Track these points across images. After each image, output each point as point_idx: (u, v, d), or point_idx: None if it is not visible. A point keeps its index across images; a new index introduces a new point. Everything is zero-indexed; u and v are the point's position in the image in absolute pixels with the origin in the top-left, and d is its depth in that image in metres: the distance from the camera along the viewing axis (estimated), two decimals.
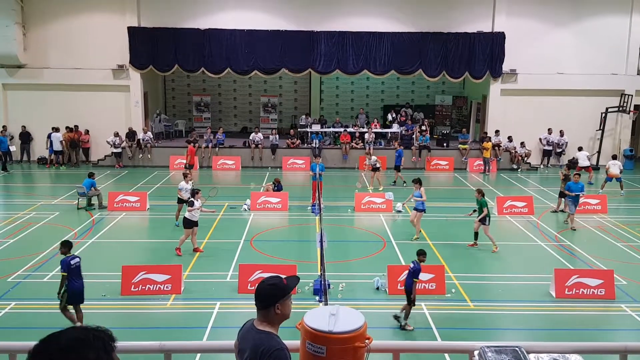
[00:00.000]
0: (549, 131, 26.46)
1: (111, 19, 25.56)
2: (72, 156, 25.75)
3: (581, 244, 15.14)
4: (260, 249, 14.30)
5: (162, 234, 15.72)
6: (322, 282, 10.63)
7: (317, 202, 16.70)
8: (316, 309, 4.21)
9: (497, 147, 25.53)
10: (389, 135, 27.18)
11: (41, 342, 1.91)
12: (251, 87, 31.74)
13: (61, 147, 25.19)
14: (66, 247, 9.82)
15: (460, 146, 26.04)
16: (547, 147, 26.61)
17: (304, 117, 28.25)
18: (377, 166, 20.95)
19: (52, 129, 25.07)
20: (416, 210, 15.10)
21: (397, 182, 21.89)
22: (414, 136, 26.22)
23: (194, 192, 13.99)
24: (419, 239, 15.02)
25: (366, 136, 25.83)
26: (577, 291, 11.47)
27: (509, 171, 25.50)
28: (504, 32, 25.75)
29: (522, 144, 25.96)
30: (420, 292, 11.44)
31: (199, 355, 8.57)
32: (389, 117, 28.49)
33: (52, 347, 1.88)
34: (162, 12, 25.70)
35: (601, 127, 26.43)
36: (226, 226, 16.40)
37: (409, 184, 19.67)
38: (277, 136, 26.13)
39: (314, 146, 25.50)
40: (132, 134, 25.55)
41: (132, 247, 14.93)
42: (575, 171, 18.29)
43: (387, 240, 15.13)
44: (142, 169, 25.09)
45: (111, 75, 25.85)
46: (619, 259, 13.91)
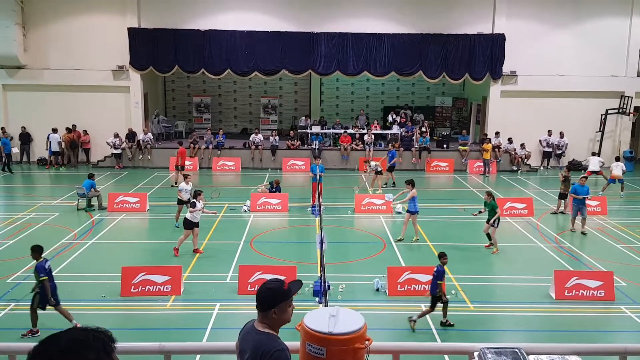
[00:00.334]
0: (549, 133, 26.48)
1: (111, 19, 25.59)
2: (72, 157, 25.75)
3: (581, 245, 15.14)
4: (260, 250, 14.30)
5: (162, 235, 15.72)
6: (322, 284, 10.62)
7: (317, 203, 16.69)
8: (316, 310, 4.21)
9: (497, 149, 25.54)
10: (389, 136, 27.20)
11: (41, 343, 1.91)
12: (251, 88, 31.76)
13: (59, 148, 25.20)
14: (37, 252, 9.81)
15: (460, 148, 26.05)
16: (547, 149, 26.62)
17: (303, 118, 28.27)
18: (378, 170, 20.93)
19: (52, 130, 25.10)
20: (409, 212, 15.10)
21: (387, 183, 21.91)
22: (414, 137, 26.24)
23: (197, 194, 13.98)
24: (419, 240, 15.02)
25: (366, 137, 25.84)
26: (577, 293, 11.47)
27: (508, 173, 25.51)
28: (504, 34, 25.78)
29: (522, 146, 25.97)
30: (420, 293, 11.46)
31: (198, 356, 8.56)
32: (390, 118, 28.53)
33: (52, 348, 1.88)
34: (163, 13, 25.73)
35: (601, 129, 26.45)
36: (226, 227, 16.40)
37: (399, 185, 19.69)
38: (277, 137, 26.13)
39: (314, 147, 25.51)
40: (132, 135, 25.56)
41: (132, 248, 14.93)
42: (584, 174, 18.03)
43: (387, 241, 15.13)
44: (142, 170, 25.10)
45: (111, 76, 25.87)
46: (619, 260, 13.91)
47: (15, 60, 25.28)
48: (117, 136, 25.02)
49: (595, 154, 23.64)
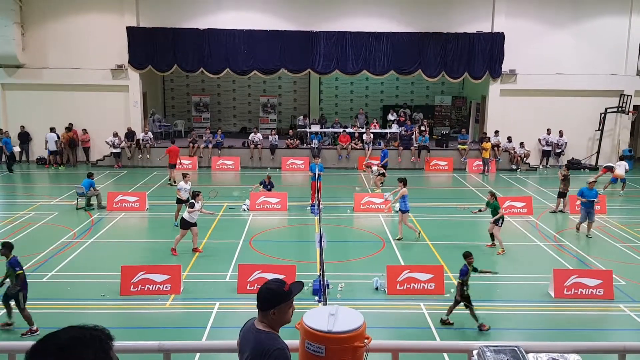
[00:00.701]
0: (548, 131, 26.47)
1: (110, 18, 25.55)
2: (71, 156, 25.73)
3: (580, 244, 15.15)
4: (259, 249, 14.30)
5: (162, 234, 15.72)
6: (322, 282, 10.63)
7: (317, 202, 16.69)
8: (315, 308, 4.21)
9: (496, 148, 25.54)
10: (388, 135, 27.19)
11: (39, 342, 1.91)
12: (250, 87, 31.73)
13: (56, 147, 25.18)
14: (8, 248, 9.95)
15: (459, 146, 26.05)
16: (546, 148, 26.62)
17: (301, 118, 28.27)
18: (381, 172, 20.90)
19: (49, 129, 25.09)
20: (400, 211, 15.09)
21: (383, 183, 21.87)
22: (413, 136, 26.23)
23: (195, 194, 13.99)
24: (419, 238, 15.03)
25: (365, 137, 25.83)
26: (576, 291, 11.49)
27: (508, 171, 25.51)
28: (503, 33, 25.76)
29: (522, 145, 25.97)
30: (419, 292, 11.49)
31: (198, 355, 8.57)
32: (390, 117, 28.53)
33: (50, 347, 1.88)
34: (161, 12, 25.70)
35: (600, 128, 26.45)
36: (225, 226, 16.40)
37: (388, 184, 19.72)
38: (276, 136, 26.12)
39: (313, 146, 25.50)
40: (131, 134, 25.54)
41: (131, 247, 14.93)
42: (592, 179, 17.19)
43: (386, 240, 15.13)
44: (141, 169, 25.08)
45: (110, 75, 25.84)
46: (618, 259, 13.93)
47: (13, 59, 25.23)
48: (116, 135, 25.00)
49: (624, 158, 22.78)
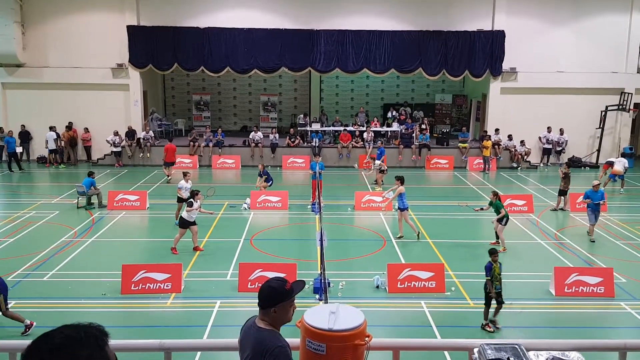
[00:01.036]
0: (549, 129, 26.46)
1: (110, 17, 25.54)
2: (71, 155, 25.74)
3: (581, 242, 15.14)
4: (260, 247, 14.31)
5: (162, 232, 15.72)
6: (322, 281, 10.64)
7: (317, 200, 16.69)
8: (316, 307, 4.22)
9: (497, 146, 25.53)
10: (389, 133, 27.19)
11: (33, 343, 1.90)
12: (251, 85, 31.73)
13: (55, 146, 25.17)
14: None
15: (460, 145, 26.04)
16: (546, 146, 26.61)
17: (302, 116, 28.26)
18: (382, 169, 20.86)
19: (49, 128, 25.10)
20: (399, 209, 15.10)
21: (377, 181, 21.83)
22: (414, 135, 26.22)
23: (194, 193, 14.01)
24: (419, 235, 15.02)
25: (365, 135, 25.83)
26: (577, 289, 11.48)
27: (508, 169, 25.51)
28: (503, 31, 25.73)
29: (522, 143, 25.96)
30: (420, 290, 11.48)
31: (199, 353, 8.58)
32: (389, 114, 28.52)
33: (44, 347, 1.87)
34: (162, 11, 25.69)
35: (601, 126, 26.43)
36: (226, 225, 16.40)
37: (388, 182, 19.70)
38: (276, 135, 26.11)
39: (314, 145, 25.49)
40: (131, 133, 25.54)
41: (132, 246, 14.94)
42: (602, 169, 17.14)
43: (387, 238, 15.13)
44: (141, 168, 25.09)
45: (110, 74, 25.84)
46: (619, 257, 13.92)
47: (14, 58, 25.24)
48: (116, 134, 25.01)
49: (625, 155, 22.41)
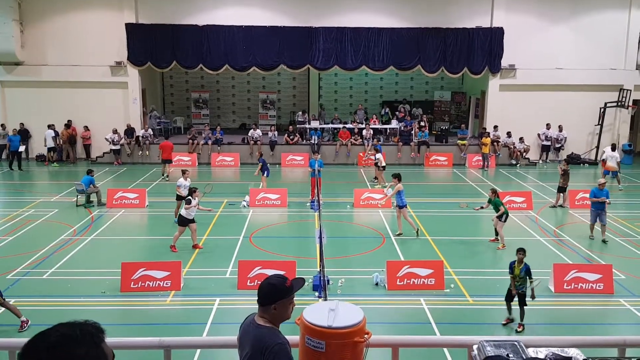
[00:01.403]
0: (548, 126, 26.46)
1: (109, 15, 25.50)
2: (70, 153, 25.72)
3: (580, 238, 15.15)
4: (259, 245, 14.31)
5: (162, 230, 15.71)
6: (322, 278, 10.65)
7: (316, 198, 16.70)
8: (315, 304, 4.22)
9: (495, 143, 25.54)
10: (388, 131, 27.18)
11: (29, 342, 1.90)
12: (250, 83, 31.69)
13: (54, 144, 25.13)
14: None
15: (459, 142, 26.04)
16: (545, 143, 26.62)
17: (300, 113, 28.24)
18: (383, 165, 20.80)
19: (47, 127, 25.05)
20: (398, 206, 15.10)
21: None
22: (413, 132, 26.21)
23: (192, 191, 14.03)
24: (418, 232, 15.03)
25: (364, 132, 25.82)
26: (576, 286, 11.50)
27: (507, 166, 25.52)
28: (502, 28, 25.72)
29: (521, 140, 25.96)
30: (419, 287, 11.49)
31: (198, 351, 8.59)
32: (382, 112, 28.62)
33: (41, 345, 1.87)
34: (160, 9, 25.64)
35: (600, 122, 26.43)
36: (225, 222, 16.40)
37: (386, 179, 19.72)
38: (275, 132, 26.10)
39: (313, 142, 25.48)
40: (130, 131, 25.52)
41: (131, 244, 14.93)
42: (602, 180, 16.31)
43: (386, 236, 15.14)
44: (140, 165, 25.07)
45: (109, 72, 25.80)
46: (618, 253, 13.94)
47: (12, 56, 25.19)
48: (115, 132, 24.98)
49: (615, 149, 21.74)
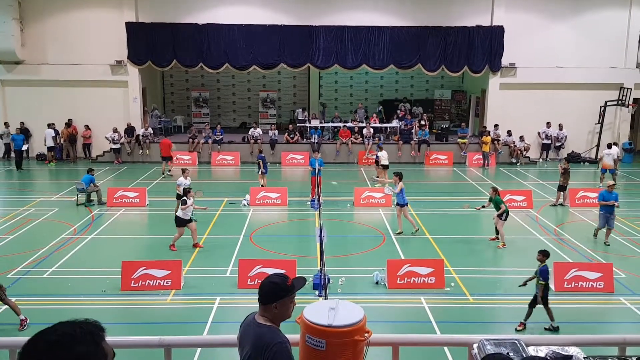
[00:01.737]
0: (548, 125, 26.45)
1: (109, 14, 25.48)
2: (71, 152, 25.71)
3: (580, 237, 15.16)
4: (259, 244, 14.32)
5: (162, 229, 15.70)
6: (322, 277, 10.64)
7: (317, 197, 16.70)
8: (316, 303, 4.22)
9: (496, 141, 25.52)
10: (388, 129, 27.17)
11: (29, 341, 1.89)
12: (250, 82, 31.67)
13: (53, 143, 25.12)
14: None
15: (459, 140, 26.03)
16: (545, 141, 26.61)
17: (300, 111, 28.24)
18: (385, 163, 20.77)
19: (47, 126, 25.04)
20: (398, 205, 15.10)
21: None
22: (413, 131, 26.20)
23: (186, 191, 14.10)
24: (417, 231, 15.04)
25: (364, 131, 25.81)
26: (576, 284, 11.50)
27: (508, 165, 25.51)
28: (503, 26, 25.69)
29: (521, 138, 25.95)
30: (420, 285, 11.50)
31: (198, 350, 8.59)
32: (377, 109, 28.93)
33: (41, 344, 1.86)
34: (160, 8, 25.62)
35: (600, 121, 26.42)
36: (226, 221, 16.41)
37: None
38: (276, 131, 26.09)
39: (313, 141, 25.48)
40: (130, 130, 25.51)
41: (131, 242, 14.94)
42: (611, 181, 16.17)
43: (386, 234, 15.14)
44: (141, 164, 25.07)
45: (109, 70, 25.79)
46: (618, 252, 13.94)
47: (13, 55, 25.18)
48: (116, 131, 24.98)
49: (611, 145, 21.40)
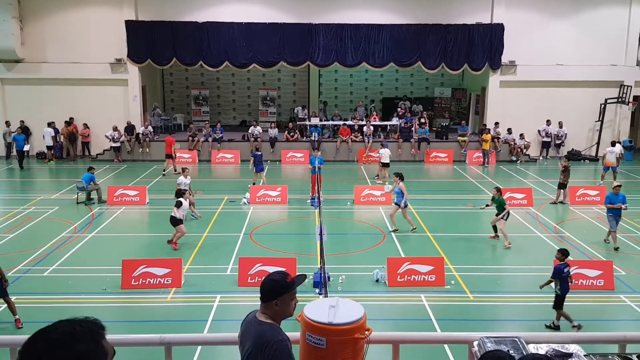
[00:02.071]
0: (548, 123, 26.44)
1: (109, 12, 25.45)
2: (71, 150, 25.71)
3: (580, 235, 15.16)
4: (260, 242, 14.32)
5: (162, 227, 15.66)
6: (322, 275, 10.65)
7: (317, 195, 16.70)
8: (316, 301, 4.22)
9: (496, 139, 25.51)
10: (388, 127, 27.17)
11: (30, 339, 1.89)
12: (250, 80, 31.65)
13: (52, 142, 25.11)
14: None
15: (459, 138, 26.02)
16: (546, 139, 26.59)
17: (299, 109, 28.22)
18: (385, 161, 20.73)
19: (46, 124, 25.04)
20: (396, 204, 15.10)
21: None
22: (413, 129, 26.19)
23: (181, 192, 14.13)
24: (416, 230, 15.04)
25: (365, 129, 25.80)
26: (577, 282, 11.50)
27: (508, 163, 25.50)
28: (503, 24, 25.66)
29: (521, 136, 25.93)
30: (420, 283, 11.50)
31: (199, 347, 8.60)
32: (371, 105, 29.11)
33: (41, 343, 1.86)
34: (160, 6, 25.59)
35: (600, 119, 26.41)
36: (226, 219, 16.42)
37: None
38: (276, 129, 26.09)
39: (313, 139, 25.47)
40: (130, 128, 25.51)
41: (132, 241, 14.94)
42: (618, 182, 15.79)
43: (386, 232, 15.15)
44: (141, 163, 25.07)
45: (109, 69, 25.77)
46: (618, 249, 13.93)
47: (12, 54, 25.15)
48: (116, 129, 24.97)
49: (614, 144, 21.37)
